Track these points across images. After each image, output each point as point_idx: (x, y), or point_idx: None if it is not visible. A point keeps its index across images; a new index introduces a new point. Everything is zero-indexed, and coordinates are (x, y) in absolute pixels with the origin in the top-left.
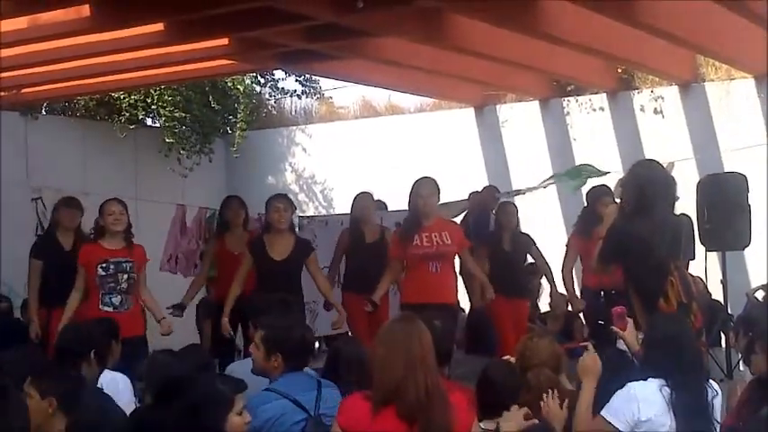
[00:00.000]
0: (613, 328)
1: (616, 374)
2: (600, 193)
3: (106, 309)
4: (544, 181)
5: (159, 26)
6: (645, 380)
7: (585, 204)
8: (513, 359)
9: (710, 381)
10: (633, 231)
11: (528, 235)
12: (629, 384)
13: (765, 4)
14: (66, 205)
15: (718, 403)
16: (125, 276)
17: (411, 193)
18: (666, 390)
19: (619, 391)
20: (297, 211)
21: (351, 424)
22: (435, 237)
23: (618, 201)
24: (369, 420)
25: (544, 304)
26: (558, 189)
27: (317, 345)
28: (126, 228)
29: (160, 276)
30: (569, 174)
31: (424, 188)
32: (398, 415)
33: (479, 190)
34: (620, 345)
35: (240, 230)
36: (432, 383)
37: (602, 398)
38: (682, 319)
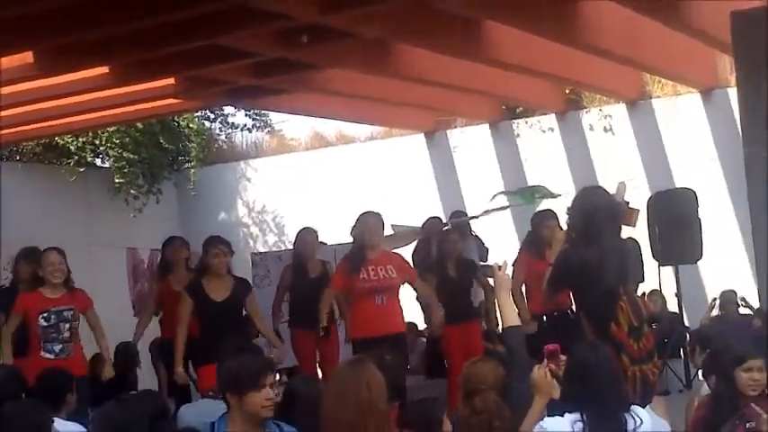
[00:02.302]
0: (550, 366)
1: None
2: (544, 217)
3: (47, 356)
4: (494, 197)
5: (104, 69)
6: (561, 415)
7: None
8: None
9: (637, 410)
10: (582, 259)
11: (473, 261)
12: (543, 421)
13: (706, 20)
14: (24, 259)
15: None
16: (67, 326)
17: (356, 226)
18: (579, 425)
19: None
20: (251, 247)
21: None
22: (381, 270)
23: (565, 227)
24: None
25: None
26: (510, 211)
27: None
28: (66, 276)
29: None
30: (523, 195)
31: (371, 222)
32: None
33: (433, 217)
34: None
35: (183, 270)
36: (382, 430)
37: None
38: (598, 347)
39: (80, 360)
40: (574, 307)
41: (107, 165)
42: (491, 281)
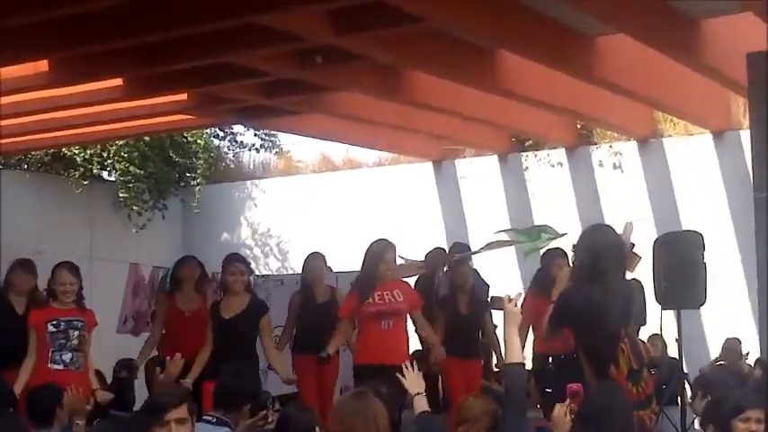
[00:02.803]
0: (572, 405)
1: None
2: (554, 255)
3: (56, 367)
4: (499, 232)
5: (118, 81)
6: None
7: (540, 267)
8: None
9: None
10: (586, 299)
11: (484, 299)
12: None
13: (721, 60)
14: (22, 268)
15: None
16: (76, 333)
17: (368, 254)
18: None
19: None
20: (253, 270)
21: None
22: (387, 294)
23: (571, 264)
24: None
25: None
26: (515, 249)
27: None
28: (77, 294)
29: (116, 338)
30: (528, 235)
31: (388, 254)
32: None
33: (437, 248)
34: None
35: (192, 291)
36: None
37: None
38: (615, 390)
39: (88, 377)
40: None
41: (113, 178)
42: (495, 315)
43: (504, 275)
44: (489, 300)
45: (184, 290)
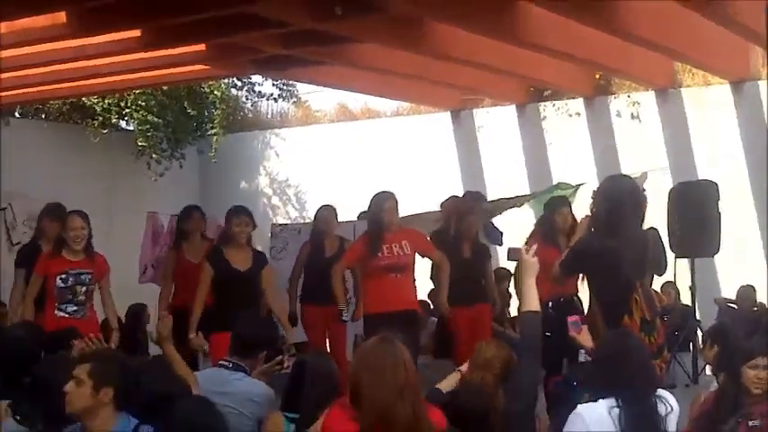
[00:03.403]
0: (571, 334)
1: (566, 404)
2: (557, 203)
3: (61, 314)
4: (518, 198)
5: (136, 32)
6: (594, 401)
7: (542, 215)
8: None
9: (666, 396)
10: (603, 246)
11: (487, 246)
12: (577, 409)
13: (741, 11)
14: (49, 215)
15: (673, 419)
16: (83, 289)
17: (372, 207)
18: (615, 411)
19: (570, 418)
20: (270, 218)
21: None
22: (396, 247)
23: (590, 213)
24: None
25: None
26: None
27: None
28: (87, 241)
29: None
30: (548, 191)
31: (388, 203)
32: None
33: (454, 197)
34: (582, 357)
35: (199, 240)
36: (418, 408)
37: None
38: (629, 333)
39: (94, 323)
40: (580, 293)
41: (131, 127)
42: (512, 265)
43: (516, 226)
44: (506, 251)
45: (191, 240)
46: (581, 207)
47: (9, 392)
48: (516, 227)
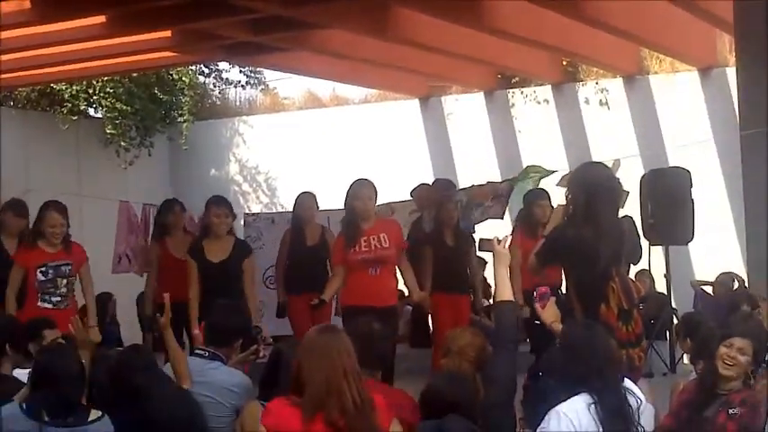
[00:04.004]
0: (536, 305)
1: (535, 394)
2: (536, 195)
3: (45, 305)
4: (490, 183)
5: (101, 18)
6: (568, 397)
7: (522, 208)
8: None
9: (634, 388)
10: (578, 237)
11: (470, 233)
12: (559, 406)
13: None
14: (12, 210)
15: (647, 413)
16: (64, 281)
17: (348, 195)
18: (593, 407)
19: (551, 417)
20: (242, 206)
21: (280, 428)
22: (374, 240)
23: (563, 201)
24: (299, 426)
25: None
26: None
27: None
28: (65, 233)
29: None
30: (520, 176)
31: (363, 191)
32: (326, 423)
33: (424, 184)
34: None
35: (181, 234)
36: (358, 392)
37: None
38: (592, 325)
39: (75, 310)
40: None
41: (99, 115)
42: (486, 255)
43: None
44: (477, 242)
45: (174, 235)
46: (553, 194)
47: None
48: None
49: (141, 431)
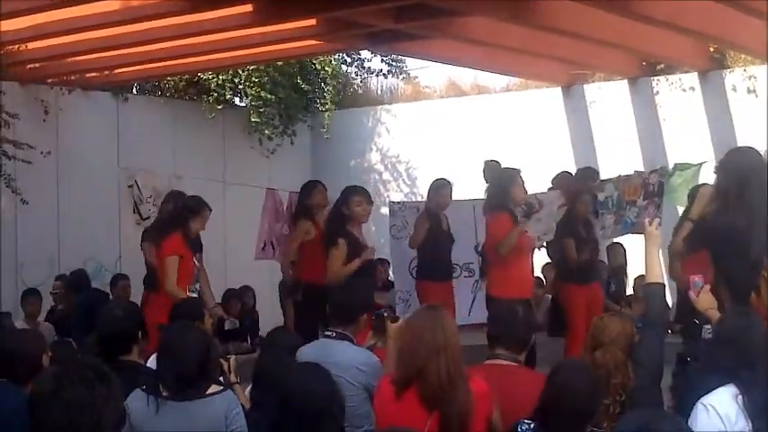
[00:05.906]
0: (690, 294)
1: (685, 383)
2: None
3: (191, 294)
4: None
5: (248, 7)
6: (715, 387)
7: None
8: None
9: None
10: (729, 224)
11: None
12: (705, 398)
13: None
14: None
15: None
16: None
17: (505, 180)
18: (740, 398)
19: (698, 411)
20: (382, 195)
21: (376, 404)
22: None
23: (713, 186)
24: (392, 402)
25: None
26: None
27: None
28: None
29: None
30: (668, 174)
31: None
32: (419, 399)
33: (565, 172)
34: (705, 333)
35: (324, 215)
36: (453, 371)
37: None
38: (750, 313)
39: None
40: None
41: (244, 104)
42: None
43: None
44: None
45: (319, 215)
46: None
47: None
48: None
49: (281, 406)
